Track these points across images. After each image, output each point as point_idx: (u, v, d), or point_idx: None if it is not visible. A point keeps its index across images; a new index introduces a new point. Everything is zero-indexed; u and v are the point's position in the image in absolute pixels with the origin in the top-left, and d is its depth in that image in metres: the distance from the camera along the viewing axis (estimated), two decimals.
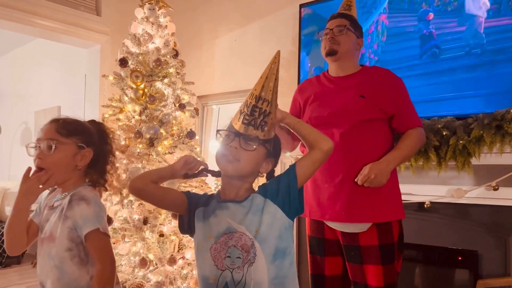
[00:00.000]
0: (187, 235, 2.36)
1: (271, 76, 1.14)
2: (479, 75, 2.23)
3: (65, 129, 1.34)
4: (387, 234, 1.65)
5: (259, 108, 1.14)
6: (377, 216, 1.64)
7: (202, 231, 1.21)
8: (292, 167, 1.19)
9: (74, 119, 1.41)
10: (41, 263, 1.32)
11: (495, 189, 2.10)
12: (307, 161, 1.19)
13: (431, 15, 2.42)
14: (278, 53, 1.16)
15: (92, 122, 1.47)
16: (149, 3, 2.61)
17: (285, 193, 1.17)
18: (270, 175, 1.25)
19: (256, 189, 1.23)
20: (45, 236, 1.32)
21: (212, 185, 3.24)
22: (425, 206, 2.29)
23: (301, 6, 2.98)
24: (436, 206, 2.31)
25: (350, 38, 1.77)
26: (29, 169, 1.33)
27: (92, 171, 1.42)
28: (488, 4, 2.23)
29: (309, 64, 2.90)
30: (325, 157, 1.19)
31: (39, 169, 1.32)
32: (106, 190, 1.47)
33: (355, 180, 1.63)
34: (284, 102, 1.92)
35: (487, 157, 2.14)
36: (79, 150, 1.36)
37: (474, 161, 2.15)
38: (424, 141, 1.78)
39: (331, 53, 1.76)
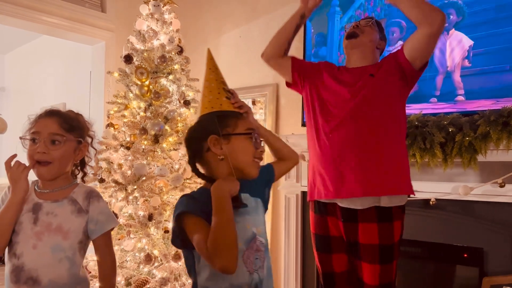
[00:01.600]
0: None
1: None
2: None
3: (67, 124, 1.36)
4: (388, 234, 1.62)
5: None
6: (390, 189, 1.62)
7: None
8: (271, 166, 1.36)
9: (73, 113, 1.44)
10: (36, 256, 1.28)
11: (502, 186, 2.09)
12: (283, 168, 1.44)
13: None
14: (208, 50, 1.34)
15: (72, 112, 1.46)
16: (154, 0, 2.61)
17: (265, 189, 1.31)
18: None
19: None
20: (48, 228, 1.31)
21: None
22: (431, 203, 2.28)
23: None
24: (441, 203, 2.30)
25: (374, 32, 1.80)
26: (14, 156, 1.33)
27: (76, 164, 1.46)
28: None
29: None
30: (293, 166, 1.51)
31: (37, 162, 1.32)
32: (84, 182, 1.50)
33: None
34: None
35: (494, 154, 2.12)
36: (78, 145, 1.40)
37: (480, 158, 2.14)
38: (434, 13, 1.57)
39: (352, 35, 1.77)
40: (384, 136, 1.65)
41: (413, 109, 2.38)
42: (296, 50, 3.02)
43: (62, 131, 1.34)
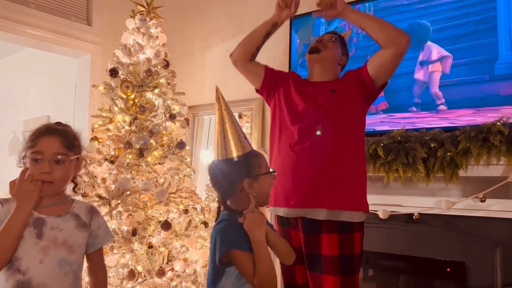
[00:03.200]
0: (177, 247, 2.35)
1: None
2: None
3: (69, 142, 1.38)
4: (349, 245, 1.64)
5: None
6: (341, 203, 1.64)
7: None
8: None
9: (70, 130, 1.45)
10: (43, 271, 1.29)
11: (482, 201, 2.12)
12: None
13: None
14: (216, 88, 1.42)
15: (69, 128, 1.46)
16: (140, 14, 2.62)
17: None
18: None
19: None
20: (54, 242, 1.32)
21: (202, 196, 3.23)
22: (414, 217, 2.31)
23: (291, 18, 3.01)
24: (424, 218, 2.33)
25: (337, 48, 1.84)
26: (26, 170, 1.33)
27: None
28: None
29: None
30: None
31: (41, 182, 1.32)
32: (76, 192, 1.52)
33: None
34: None
35: (474, 169, 2.16)
36: (77, 161, 1.42)
37: (461, 173, 2.18)
38: (400, 35, 1.65)
39: (314, 50, 1.81)
40: (343, 151, 1.68)
41: (396, 118, 2.43)
42: (281, 64, 3.06)
43: (65, 150, 1.36)
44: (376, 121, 2.54)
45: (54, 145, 1.34)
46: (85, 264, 1.47)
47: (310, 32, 2.91)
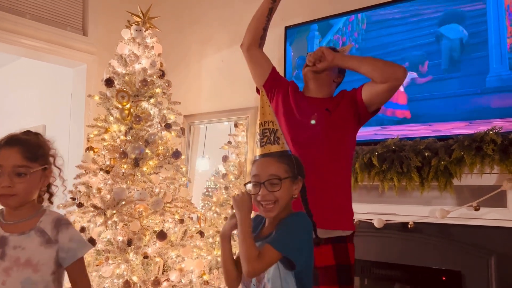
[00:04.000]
0: (172, 257, 2.34)
1: (264, 104, 1.34)
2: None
3: (31, 152, 1.31)
4: (344, 254, 1.65)
5: (267, 129, 1.31)
6: (331, 224, 1.63)
7: None
8: None
9: (34, 138, 1.38)
10: None
11: (476, 210, 2.13)
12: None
13: None
14: (262, 89, 1.42)
15: (33, 137, 1.39)
16: (136, 24, 2.63)
17: None
18: (302, 192, 1.34)
19: None
20: (17, 263, 1.26)
21: (198, 205, 3.23)
22: (409, 226, 2.31)
23: (286, 28, 3.04)
24: (419, 226, 2.34)
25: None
26: None
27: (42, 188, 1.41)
28: None
29: None
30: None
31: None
32: (52, 203, 1.46)
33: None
34: None
35: (468, 178, 2.18)
36: (44, 171, 1.35)
37: (455, 181, 2.19)
38: (396, 70, 1.66)
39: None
40: (332, 173, 1.69)
41: (392, 131, 2.46)
42: None
43: (27, 161, 1.28)
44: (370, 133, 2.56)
45: (14, 156, 1.27)
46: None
47: (305, 44, 2.93)
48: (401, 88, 2.33)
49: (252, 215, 1.31)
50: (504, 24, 2.21)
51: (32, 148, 1.33)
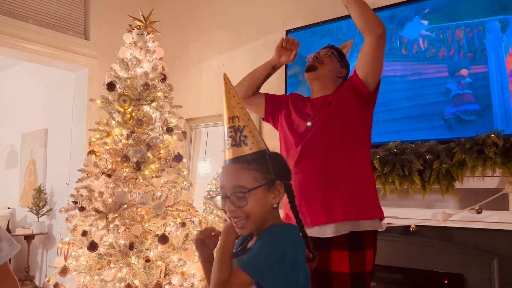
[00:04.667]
0: (174, 261, 2.33)
1: (228, 96, 1.14)
2: None
3: None
4: (360, 262, 1.61)
5: (233, 127, 1.12)
6: (355, 214, 1.62)
7: None
8: None
9: None
10: None
11: (479, 213, 2.13)
12: None
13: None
14: (224, 75, 1.17)
15: None
16: (137, 28, 2.64)
17: None
18: (289, 197, 1.16)
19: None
20: None
21: (199, 208, 3.23)
22: (411, 229, 2.31)
23: (287, 32, 3.04)
24: (421, 229, 2.33)
25: (334, 62, 1.82)
26: None
27: None
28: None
29: None
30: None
31: None
32: None
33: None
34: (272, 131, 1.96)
35: (470, 181, 2.18)
36: None
37: (457, 184, 2.19)
38: (376, 24, 1.64)
39: (311, 68, 1.81)
40: (344, 161, 1.67)
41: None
42: (277, 77, 3.09)
43: None
44: None
45: None
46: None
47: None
48: None
49: None
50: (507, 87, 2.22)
51: None
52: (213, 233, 1.17)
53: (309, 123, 1.71)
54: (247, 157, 1.08)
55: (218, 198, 1.10)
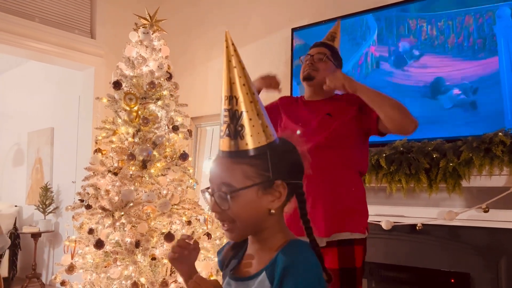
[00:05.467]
0: None
1: (228, 65, 0.85)
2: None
3: None
4: (349, 257, 1.61)
5: (229, 110, 0.84)
6: (339, 227, 1.61)
7: None
8: None
9: None
10: None
11: (486, 211, 2.12)
12: None
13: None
14: (226, 33, 0.86)
15: None
16: (143, 27, 2.65)
17: None
18: (300, 204, 0.92)
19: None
20: None
21: (205, 206, 3.23)
22: (417, 228, 2.30)
23: (293, 30, 3.04)
24: (428, 228, 2.32)
25: (329, 66, 1.81)
26: None
27: None
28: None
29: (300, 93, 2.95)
30: None
31: None
32: None
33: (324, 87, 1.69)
34: None
35: (477, 180, 2.16)
36: None
37: (464, 183, 2.18)
38: (409, 124, 1.61)
39: (308, 78, 1.80)
40: (341, 176, 1.66)
41: None
42: (283, 74, 3.09)
43: None
44: None
45: None
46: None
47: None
48: None
49: None
50: None
51: None
52: (188, 241, 1.01)
53: (298, 131, 1.70)
54: (241, 154, 0.83)
55: (207, 195, 0.89)
